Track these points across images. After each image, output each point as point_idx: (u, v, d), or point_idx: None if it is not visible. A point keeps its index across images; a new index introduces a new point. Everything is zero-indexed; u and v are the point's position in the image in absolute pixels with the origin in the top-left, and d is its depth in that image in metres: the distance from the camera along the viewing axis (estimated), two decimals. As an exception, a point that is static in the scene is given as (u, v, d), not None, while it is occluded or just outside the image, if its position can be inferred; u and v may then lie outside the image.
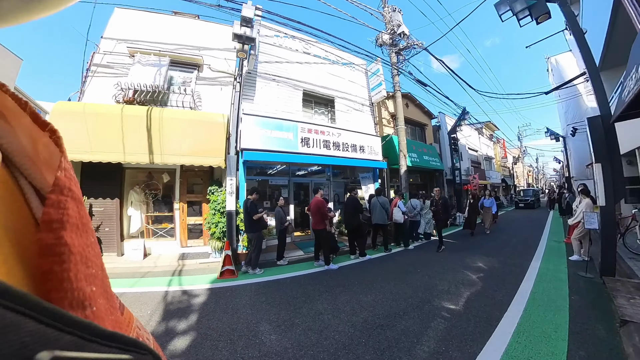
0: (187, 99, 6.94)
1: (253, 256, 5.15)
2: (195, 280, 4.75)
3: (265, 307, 3.58)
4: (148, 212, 6.90)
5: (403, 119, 10.09)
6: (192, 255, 6.27)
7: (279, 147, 7.10)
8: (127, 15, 7.22)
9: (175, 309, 3.63)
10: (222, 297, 3.96)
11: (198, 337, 2.90)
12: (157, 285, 4.59)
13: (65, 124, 5.45)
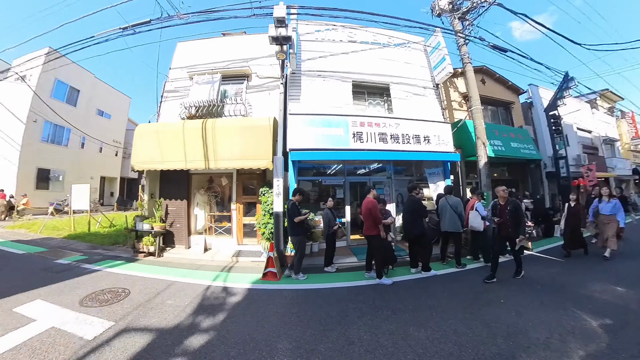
0: (239, 107, 7.58)
1: (295, 260, 5.02)
2: (239, 279, 4.94)
3: (293, 320, 3.31)
4: (210, 212, 7.85)
5: (478, 99, 8.09)
6: (246, 253, 6.64)
7: (329, 144, 6.76)
8: (186, 46, 8.89)
9: (209, 305, 3.81)
10: (256, 301, 3.94)
11: (215, 338, 2.92)
12: (204, 278, 4.98)
13: (144, 142, 6.96)
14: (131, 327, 3.16)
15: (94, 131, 18.64)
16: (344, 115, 7.14)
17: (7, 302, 3.78)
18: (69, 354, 2.63)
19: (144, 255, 6.49)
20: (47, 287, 4.41)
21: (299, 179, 7.06)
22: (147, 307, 3.72)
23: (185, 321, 3.31)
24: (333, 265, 5.48)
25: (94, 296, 4.09)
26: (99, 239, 8.35)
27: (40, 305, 3.72)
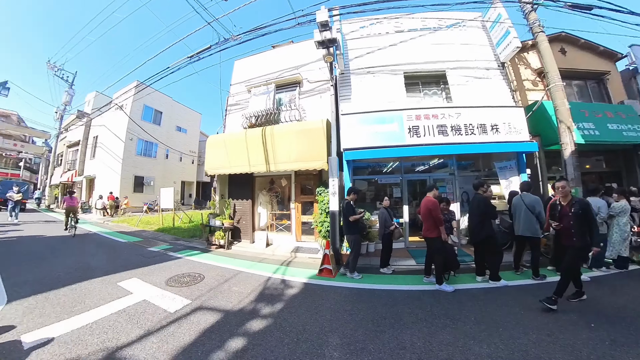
0: (294, 113, 7.96)
1: (350, 259, 5.01)
2: (297, 273, 5.14)
3: (346, 317, 3.31)
4: (272, 211, 8.41)
5: (558, 74, 6.64)
6: (303, 250, 6.88)
7: (383, 141, 6.55)
8: (242, 63, 9.83)
9: (269, 294, 4.09)
10: (311, 295, 4.06)
11: (272, 324, 3.14)
12: (266, 270, 5.35)
13: (214, 150, 8.04)
14: (204, 306, 3.63)
15: (174, 144, 22.47)
16: (398, 110, 6.80)
17: (114, 278, 4.79)
18: (155, 321, 3.21)
19: (215, 247, 7.43)
20: (142, 269, 5.38)
21: (354, 178, 7.03)
22: (217, 291, 4.21)
23: (248, 307, 3.63)
24: (389, 266, 5.29)
25: (176, 278, 4.81)
26: (180, 233, 9.85)
27: (136, 282, 4.57)
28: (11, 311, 3.42)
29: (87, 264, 5.71)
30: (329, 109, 6.94)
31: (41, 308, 3.51)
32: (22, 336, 2.82)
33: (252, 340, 2.80)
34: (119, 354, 2.57)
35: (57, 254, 6.55)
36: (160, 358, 2.50)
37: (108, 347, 2.67)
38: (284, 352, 2.59)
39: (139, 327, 3.05)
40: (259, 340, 2.80)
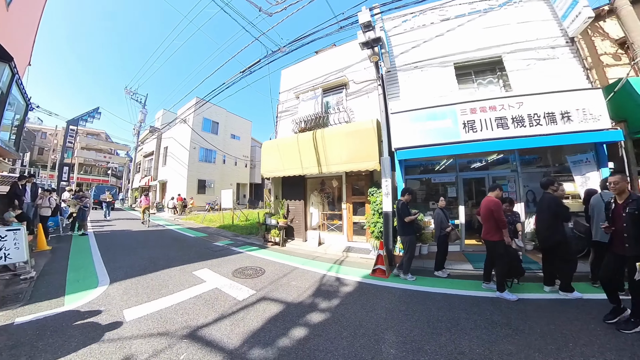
0: (342, 115, 8.03)
1: (404, 260, 4.91)
2: (350, 272, 5.22)
3: (401, 317, 3.30)
4: (323, 211, 8.62)
5: None
6: (355, 250, 6.91)
7: (437, 138, 6.19)
8: (289, 72, 10.26)
9: (325, 290, 4.26)
10: (365, 293, 4.11)
11: (330, 318, 3.29)
12: (320, 268, 5.55)
13: (268, 155, 8.62)
14: (267, 297, 3.94)
15: (230, 150, 24.92)
16: (450, 105, 6.34)
17: (189, 267, 5.50)
18: (227, 307, 3.62)
19: (271, 244, 7.95)
20: (210, 261, 6.04)
21: (406, 178, 6.82)
22: (277, 284, 4.52)
23: (306, 300, 3.84)
24: (444, 270, 5.03)
25: (240, 270, 5.29)
26: (239, 230, 10.75)
27: (208, 272, 5.15)
28: (113, 291, 4.19)
29: (167, 254, 6.63)
30: (377, 109, 6.86)
31: (135, 289, 4.23)
32: (124, 311, 3.46)
33: (313, 330, 2.97)
34: (199, 331, 2.97)
35: (142, 245, 7.75)
36: (233, 339, 2.81)
37: (190, 325, 3.10)
38: (342, 344, 2.71)
39: (214, 311, 3.47)
40: (319, 331, 2.96)
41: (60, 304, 3.69)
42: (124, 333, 2.93)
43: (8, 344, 2.68)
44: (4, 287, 4.19)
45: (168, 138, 23.62)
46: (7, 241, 4.59)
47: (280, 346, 2.68)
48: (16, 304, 3.64)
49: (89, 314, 3.37)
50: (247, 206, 24.38)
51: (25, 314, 3.34)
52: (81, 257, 6.25)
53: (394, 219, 5.85)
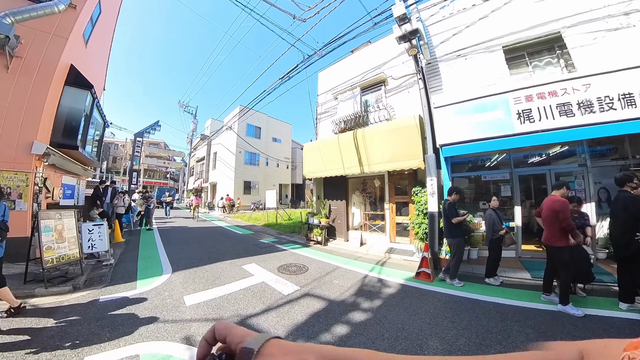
0: (382, 113, 7.81)
1: (451, 264, 4.61)
2: (392, 274, 5.10)
3: (446, 323, 3.13)
4: (365, 211, 8.51)
5: None
6: (397, 251, 6.70)
7: (486, 132, 5.61)
8: (326, 74, 10.33)
9: (367, 290, 4.23)
10: (408, 296, 3.98)
11: (372, 318, 3.26)
12: (362, 268, 5.52)
13: (310, 156, 8.86)
14: (310, 293, 4.05)
15: (272, 153, 26.09)
16: (500, 94, 5.67)
17: (238, 262, 5.89)
18: (273, 300, 3.82)
19: (313, 243, 8.13)
20: (257, 256, 6.40)
21: (453, 176, 6.41)
22: (320, 281, 4.63)
23: (349, 299, 3.86)
24: (497, 277, 4.59)
25: (285, 267, 5.52)
26: (282, 228, 11.18)
27: (255, 267, 5.47)
28: (175, 279, 4.71)
29: (219, 249, 7.21)
30: (419, 104, 6.56)
31: (192, 278, 4.70)
32: (184, 297, 3.88)
33: (355, 329, 2.98)
34: (248, 320, 3.19)
35: (198, 240, 8.54)
36: (279, 330, 2.96)
37: (240, 314, 3.35)
38: (384, 345, 2.68)
39: (261, 303, 3.69)
40: (361, 330, 2.96)
41: (133, 287, 4.30)
42: (184, 316, 3.30)
43: (95, 316, 3.25)
44: (91, 271, 5.02)
45: (217, 144, 25.83)
46: (94, 234, 5.53)
47: (323, 341, 2.75)
48: (100, 285, 4.37)
49: (156, 297, 3.87)
50: (290, 206, 25.27)
51: (107, 294, 3.99)
52: (148, 248, 7.17)
53: (440, 220, 5.53)
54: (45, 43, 5.94)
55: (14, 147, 5.35)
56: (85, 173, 8.85)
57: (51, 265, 4.25)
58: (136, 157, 18.19)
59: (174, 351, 2.60)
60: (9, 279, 4.16)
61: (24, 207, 5.36)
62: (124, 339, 2.78)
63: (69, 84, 6.61)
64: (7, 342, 2.65)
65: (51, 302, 3.69)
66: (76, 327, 2.99)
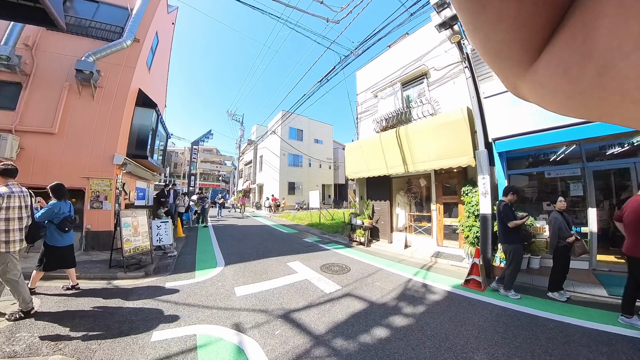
0: (426, 107, 7.35)
1: (507, 273, 4.14)
2: (438, 279, 4.83)
3: (497, 339, 2.84)
4: (410, 212, 8.16)
5: None
6: (445, 255, 6.30)
7: (549, 121, 4.90)
8: (363, 72, 10.14)
9: (410, 295, 4.08)
10: (455, 305, 3.74)
11: (414, 325, 3.15)
12: (406, 271, 5.34)
13: (353, 156, 8.82)
14: (352, 294, 4.08)
15: (314, 154, 26.78)
16: None
17: (283, 259, 6.20)
18: (315, 297, 3.94)
19: (356, 243, 8.13)
20: (301, 255, 6.63)
21: (509, 173, 5.83)
22: (361, 282, 4.62)
23: (390, 302, 3.78)
24: (563, 292, 3.98)
25: (328, 266, 5.63)
26: (325, 228, 11.41)
27: (299, 264, 5.68)
28: (227, 271, 5.17)
29: (265, 246, 7.66)
30: (466, 95, 6.07)
31: (242, 272, 5.11)
32: (235, 288, 4.26)
33: (395, 334, 2.92)
34: (291, 314, 3.35)
35: (247, 237, 9.20)
36: (320, 326, 3.05)
37: (284, 308, 3.53)
38: (425, 354, 2.56)
39: (304, 299, 3.84)
40: (401, 335, 2.89)
41: (192, 276, 4.89)
42: (234, 305, 3.64)
43: (162, 299, 3.79)
44: (159, 261, 5.82)
45: (262, 148, 27.56)
46: (161, 229, 6.42)
47: (362, 341, 2.76)
48: (166, 273, 5.08)
49: (211, 287, 4.33)
50: (332, 206, 25.50)
51: (172, 281, 4.63)
52: (205, 243, 7.97)
53: (494, 223, 5.06)
54: (119, 73, 7.16)
55: (101, 159, 6.55)
56: (153, 178, 10.29)
57: (129, 254, 5.09)
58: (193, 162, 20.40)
59: (225, 335, 2.89)
60: (98, 264, 5.23)
61: (109, 206, 6.49)
62: (185, 319, 3.21)
63: (138, 105, 7.86)
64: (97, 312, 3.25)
65: (129, 284, 4.44)
66: (147, 306, 3.57)
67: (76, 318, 3.16)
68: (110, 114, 6.83)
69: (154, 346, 2.65)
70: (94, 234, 6.34)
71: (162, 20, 9.92)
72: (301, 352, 2.58)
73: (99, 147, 6.58)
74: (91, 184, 6.40)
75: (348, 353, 2.55)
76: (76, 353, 2.51)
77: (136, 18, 7.47)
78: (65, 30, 1.63)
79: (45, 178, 6.09)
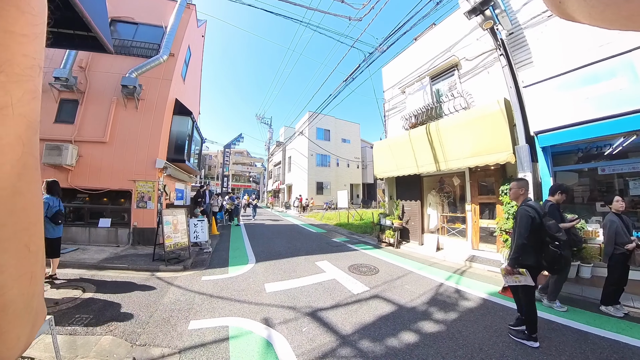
0: (458, 101, 6.90)
1: (551, 282, 3.74)
2: (473, 285, 4.56)
3: (537, 355, 2.56)
4: (443, 213, 7.79)
5: None
6: (481, 260, 5.91)
7: (601, 110, 4.36)
8: (389, 69, 9.91)
9: (441, 300, 3.90)
10: (491, 313, 3.50)
11: (444, 332, 3.01)
12: (437, 275, 5.12)
13: (381, 155, 8.66)
14: (380, 296, 4.02)
15: (342, 153, 26.76)
16: (621, 54, 4.23)
17: (312, 258, 6.30)
18: (343, 297, 3.96)
19: (385, 244, 7.97)
20: (329, 254, 6.67)
21: (555, 170, 5.27)
22: (390, 285, 4.52)
23: (420, 307, 3.64)
24: (619, 306, 3.50)
25: (356, 267, 5.59)
26: (354, 228, 11.34)
27: (327, 264, 5.72)
28: (258, 268, 5.40)
29: (294, 245, 7.84)
30: (503, 85, 5.64)
31: (272, 269, 5.29)
32: (265, 284, 4.44)
33: (423, 339, 2.81)
34: (318, 313, 3.39)
35: (277, 236, 9.49)
36: (346, 327, 3.04)
37: (312, 306, 3.58)
38: (457, 364, 2.43)
39: (331, 299, 3.86)
40: (430, 342, 2.77)
41: (226, 272, 5.19)
42: (264, 300, 3.79)
43: (199, 291, 4.12)
44: (195, 256, 6.27)
45: (290, 149, 28.10)
46: (198, 227, 6.89)
47: (388, 345, 2.70)
48: (202, 267, 5.48)
49: (243, 282, 4.57)
50: (361, 206, 25.22)
51: (207, 275, 4.98)
52: (237, 241, 8.38)
53: (538, 225, 4.67)
54: (158, 86, 7.86)
55: (145, 163, 7.22)
56: (190, 180, 11.08)
57: (169, 249, 5.58)
58: (226, 164, 21.50)
59: (255, 328, 3.03)
60: (143, 257, 5.83)
61: (152, 206, 7.12)
62: (218, 311, 3.45)
63: (175, 114, 8.58)
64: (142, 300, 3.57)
65: (169, 276, 4.87)
66: (185, 297, 3.89)
67: (124, 305, 3.53)
68: (151, 123, 7.52)
69: (190, 334, 2.87)
70: (140, 231, 6.99)
71: (193, 34, 10.62)
72: (327, 350, 2.60)
73: (143, 153, 7.25)
74: (137, 186, 7.05)
75: (375, 356, 2.52)
76: (124, 335, 2.82)
77: (170, 35, 8.10)
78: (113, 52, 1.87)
79: (100, 181, 6.92)
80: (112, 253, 6.01)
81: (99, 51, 1.83)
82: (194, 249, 6.64)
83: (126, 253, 6.10)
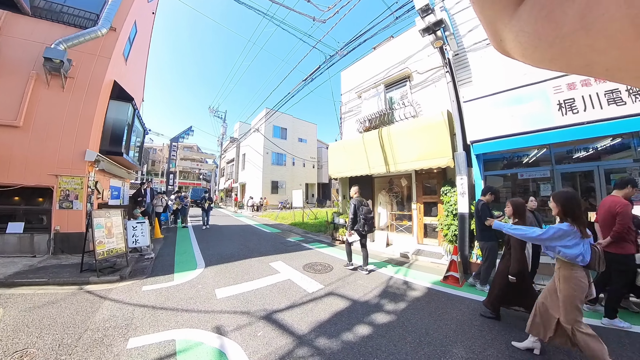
0: (408, 110, 7.53)
1: (483, 269, 4.39)
2: (419, 276, 4.97)
3: (474, 332, 2.97)
4: (392, 211, 8.31)
5: None
6: (425, 253, 6.47)
7: (522, 126, 5.24)
8: (348, 73, 10.29)
9: (391, 292, 4.16)
10: (435, 301, 3.86)
11: (395, 321, 3.22)
12: (387, 269, 5.47)
13: (336, 156, 8.86)
14: (334, 292, 4.10)
15: (298, 153, 26.55)
16: (537, 83, 5.22)
17: (266, 259, 6.10)
18: (298, 297, 3.92)
19: (339, 242, 8.16)
20: (284, 254, 6.57)
21: (485, 175, 6.08)
22: (344, 281, 4.65)
23: (372, 300, 3.84)
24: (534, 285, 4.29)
25: (310, 265, 5.62)
26: (309, 227, 11.35)
27: (282, 264, 5.63)
28: (207, 273, 5.02)
29: (247, 246, 7.53)
30: (447, 99, 6.28)
31: (223, 273, 4.98)
32: (215, 289, 4.15)
33: (377, 330, 2.98)
34: (274, 315, 3.31)
35: (228, 237, 8.98)
36: (302, 326, 3.04)
37: (266, 309, 3.48)
38: (406, 349, 2.63)
39: (286, 299, 3.81)
40: (383, 332, 2.95)
41: (171, 279, 4.68)
42: (215, 307, 3.54)
43: (139, 304, 3.59)
44: (135, 263, 5.52)
45: (245, 146, 27.10)
46: (137, 230, 6.07)
47: (344, 340, 2.78)
48: (142, 276, 4.82)
49: (191, 289, 4.17)
50: (316, 205, 25.52)
51: (149, 284, 4.40)
52: (184, 244, 7.69)
53: (471, 222, 5.29)
54: (92, 64, 6.70)
55: (71, 155, 6.11)
56: (129, 176, 9.73)
57: (102, 257, 4.77)
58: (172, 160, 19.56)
59: (205, 338, 2.81)
60: (68, 268, 4.90)
61: (80, 206, 6.06)
62: (163, 324, 3.08)
63: (113, 98, 7.38)
64: (67, 320, 3.05)
65: (102, 288, 4.18)
66: (122, 312, 3.37)
67: (44, 328, 2.95)
68: (82, 107, 6.38)
69: (129, 354, 2.52)
70: (64, 236, 5.91)
71: (142, 9, 9.39)
72: (284, 352, 2.55)
73: (69, 143, 6.12)
74: (60, 182, 5.96)
75: (331, 352, 2.57)
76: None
77: (113, 5, 7.00)
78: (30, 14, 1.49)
79: (9, 175, 5.64)
80: (26, 265, 4.96)
81: (11, 9, 1.46)
82: (133, 256, 5.91)
83: (46, 264, 5.08)
